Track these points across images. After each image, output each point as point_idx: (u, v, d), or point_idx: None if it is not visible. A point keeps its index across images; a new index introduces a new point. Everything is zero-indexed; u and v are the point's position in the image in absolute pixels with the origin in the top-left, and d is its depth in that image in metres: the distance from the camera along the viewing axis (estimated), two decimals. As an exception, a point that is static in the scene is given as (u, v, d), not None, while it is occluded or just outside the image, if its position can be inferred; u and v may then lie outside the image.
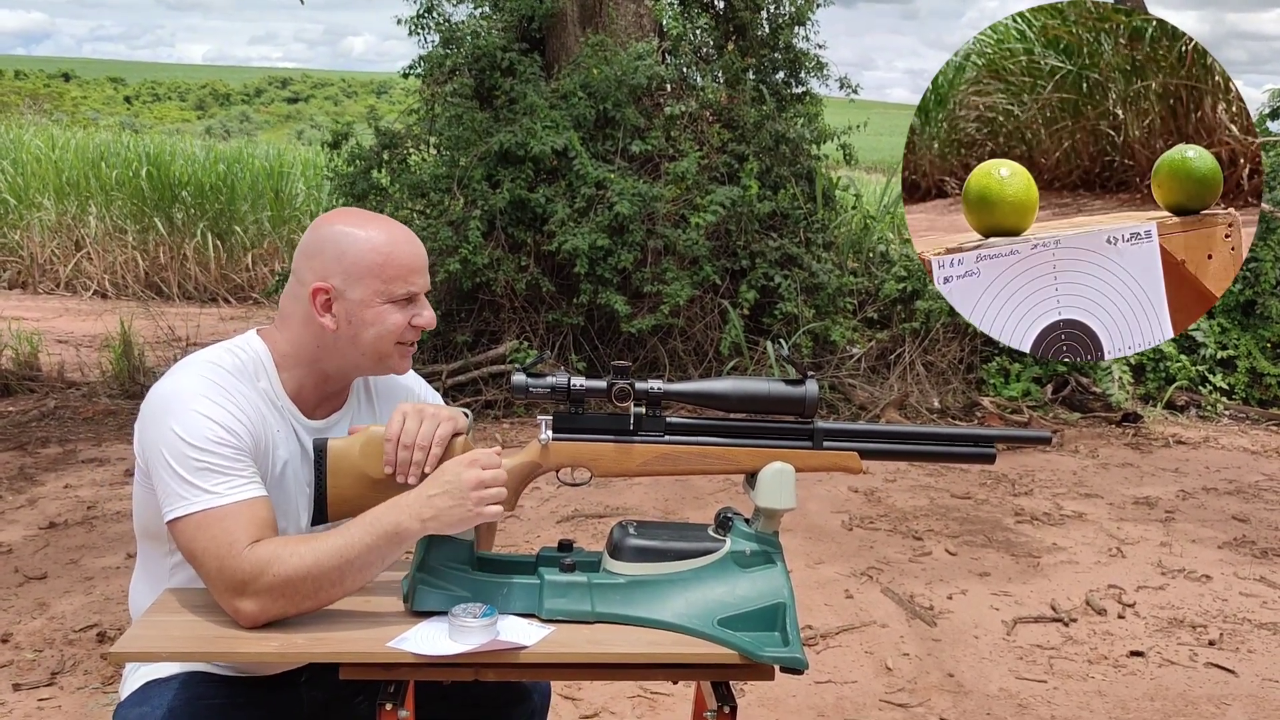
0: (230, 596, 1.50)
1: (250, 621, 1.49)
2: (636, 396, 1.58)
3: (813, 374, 1.60)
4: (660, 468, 1.61)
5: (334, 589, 1.52)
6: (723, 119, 7.37)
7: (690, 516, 4.74)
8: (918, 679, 3.33)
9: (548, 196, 6.58)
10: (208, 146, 14.73)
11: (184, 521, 1.53)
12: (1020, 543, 4.62)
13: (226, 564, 1.49)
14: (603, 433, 1.60)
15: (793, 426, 1.64)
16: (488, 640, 1.46)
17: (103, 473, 5.18)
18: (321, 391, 1.76)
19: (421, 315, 1.72)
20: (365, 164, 7.04)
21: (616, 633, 1.54)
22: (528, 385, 1.57)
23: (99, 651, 3.28)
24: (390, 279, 1.67)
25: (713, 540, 1.61)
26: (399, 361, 1.74)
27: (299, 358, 1.72)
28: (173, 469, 1.54)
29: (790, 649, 1.49)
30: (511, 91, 6.92)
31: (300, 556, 1.50)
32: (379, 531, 1.52)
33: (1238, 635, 3.75)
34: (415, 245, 1.72)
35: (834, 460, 1.63)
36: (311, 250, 1.69)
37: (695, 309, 6.94)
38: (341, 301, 1.67)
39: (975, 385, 7.43)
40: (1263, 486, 5.71)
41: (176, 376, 1.63)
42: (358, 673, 1.46)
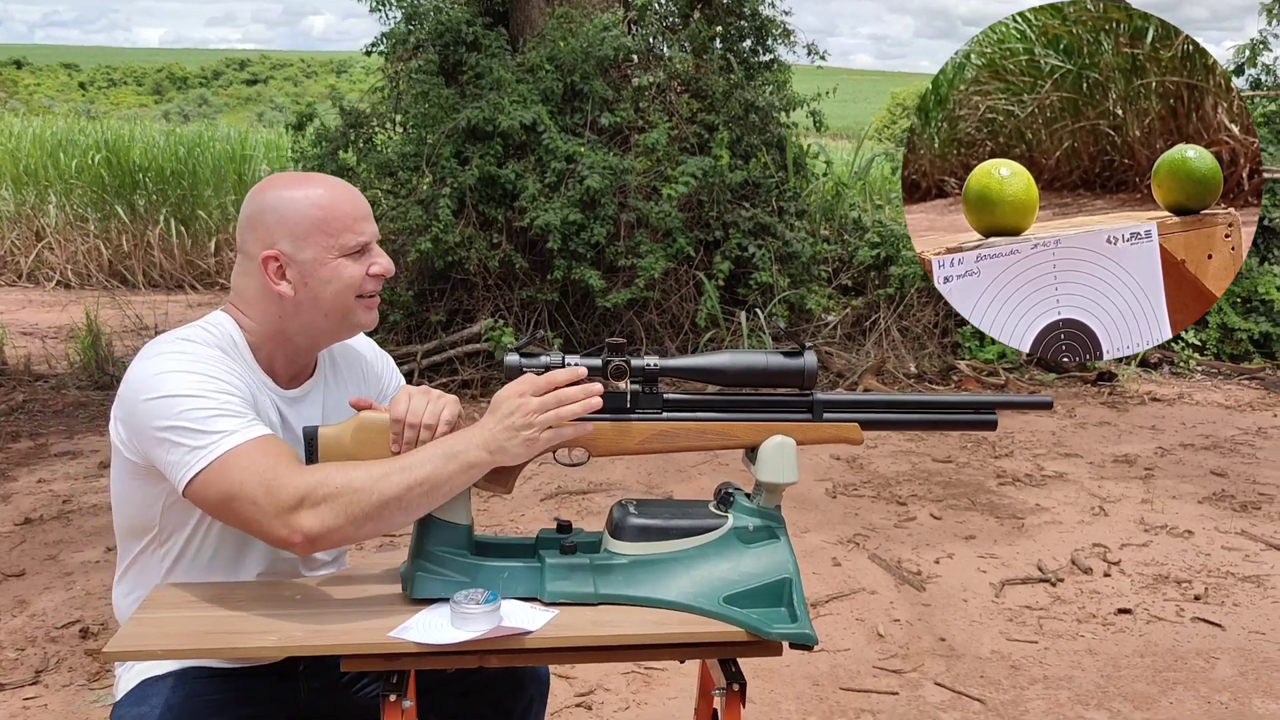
0: (285, 516, 1.44)
1: (310, 540, 1.44)
2: (632, 374, 1.55)
3: (810, 345, 1.57)
4: (659, 445, 1.58)
5: (396, 510, 1.47)
6: (691, 89, 7.31)
7: (675, 490, 4.73)
8: (910, 644, 3.34)
9: (518, 172, 6.51)
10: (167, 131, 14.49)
11: (209, 471, 1.47)
12: (1004, 505, 4.64)
13: (275, 484, 1.45)
14: (599, 411, 1.57)
15: (791, 399, 1.61)
16: (492, 627, 1.43)
17: (76, 466, 5.09)
18: (293, 364, 1.73)
19: (378, 263, 1.69)
20: (331, 145, 6.93)
21: (621, 614, 1.52)
22: (521, 365, 1.53)
23: (83, 648, 3.23)
24: (337, 231, 1.64)
25: (715, 517, 1.58)
26: (364, 315, 1.70)
27: (266, 332, 1.68)
28: (176, 429, 1.49)
29: (799, 625, 1.47)
30: (477, 67, 6.83)
31: (359, 468, 1.47)
32: (447, 455, 1.49)
33: (1222, 589, 3.78)
34: (354, 194, 1.69)
35: (834, 432, 1.61)
36: (252, 221, 1.65)
37: (670, 282, 6.91)
38: (293, 266, 1.63)
39: (950, 349, 7.45)
40: (1239, 441, 5.77)
41: (151, 356, 1.58)
42: (360, 664, 1.43)
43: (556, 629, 1.47)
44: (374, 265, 1.68)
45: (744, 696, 1.53)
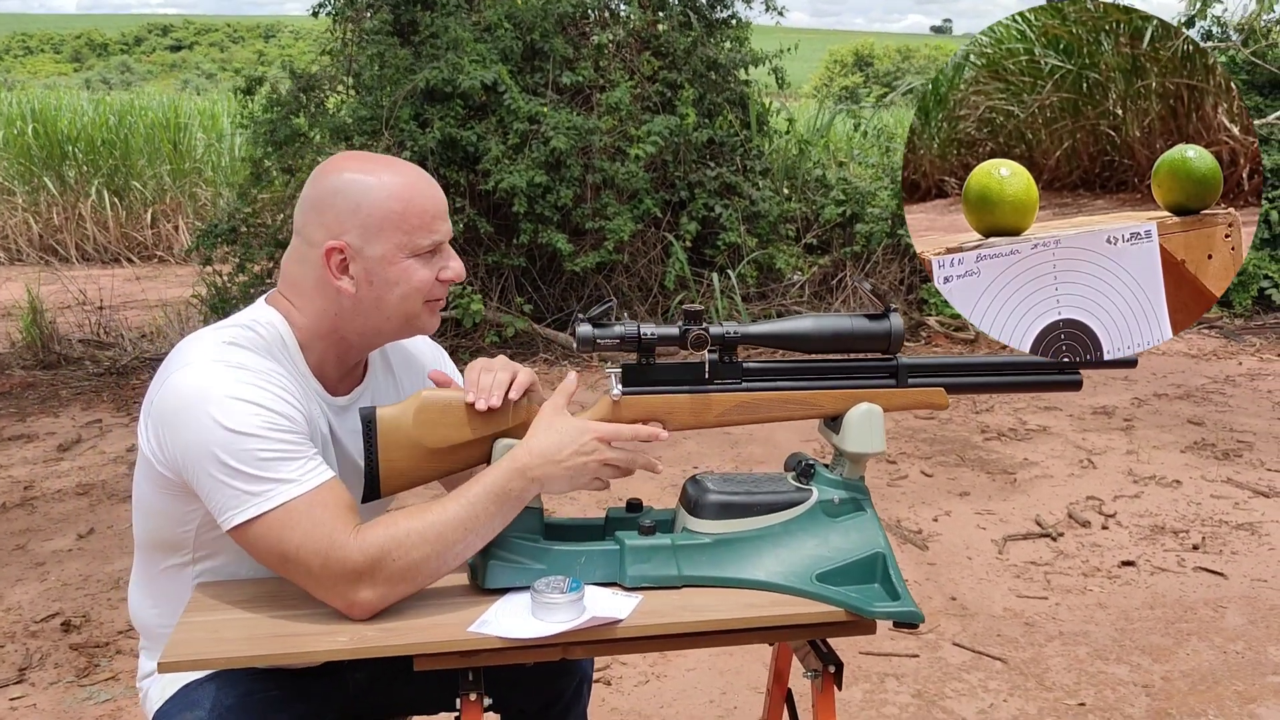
0: (344, 589, 1.33)
1: (367, 612, 1.34)
2: (712, 342, 1.45)
3: (895, 308, 1.48)
4: (739, 417, 1.48)
5: (455, 562, 1.39)
6: (651, 47, 7.16)
7: (661, 453, 4.64)
8: (922, 604, 3.27)
9: (479, 134, 6.32)
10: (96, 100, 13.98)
11: (262, 521, 1.34)
12: (993, 460, 4.63)
13: (334, 556, 1.33)
14: (677, 383, 1.47)
15: (874, 363, 1.53)
16: (580, 616, 1.33)
17: (33, 450, 4.87)
18: (344, 364, 1.57)
19: (450, 267, 1.54)
20: (284, 110, 6.68)
21: (708, 596, 1.42)
22: (595, 337, 1.42)
23: (67, 642, 3.07)
24: (413, 229, 1.47)
25: (798, 490, 1.49)
26: (429, 320, 1.55)
27: (318, 330, 1.52)
28: (230, 467, 1.34)
29: (903, 602, 1.39)
30: (433, 26, 6.61)
31: (423, 536, 1.35)
32: (501, 494, 1.40)
33: (1218, 538, 3.80)
34: (434, 188, 1.52)
35: (920, 398, 1.52)
36: (318, 204, 1.48)
37: (638, 244, 6.79)
38: (359, 260, 1.47)
39: (917, 305, 7.44)
40: (1209, 390, 5.83)
41: (196, 366, 1.41)
42: (436, 663, 1.32)
43: (644, 615, 1.37)
44: (445, 270, 1.52)
45: (839, 679, 1.46)
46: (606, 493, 3.86)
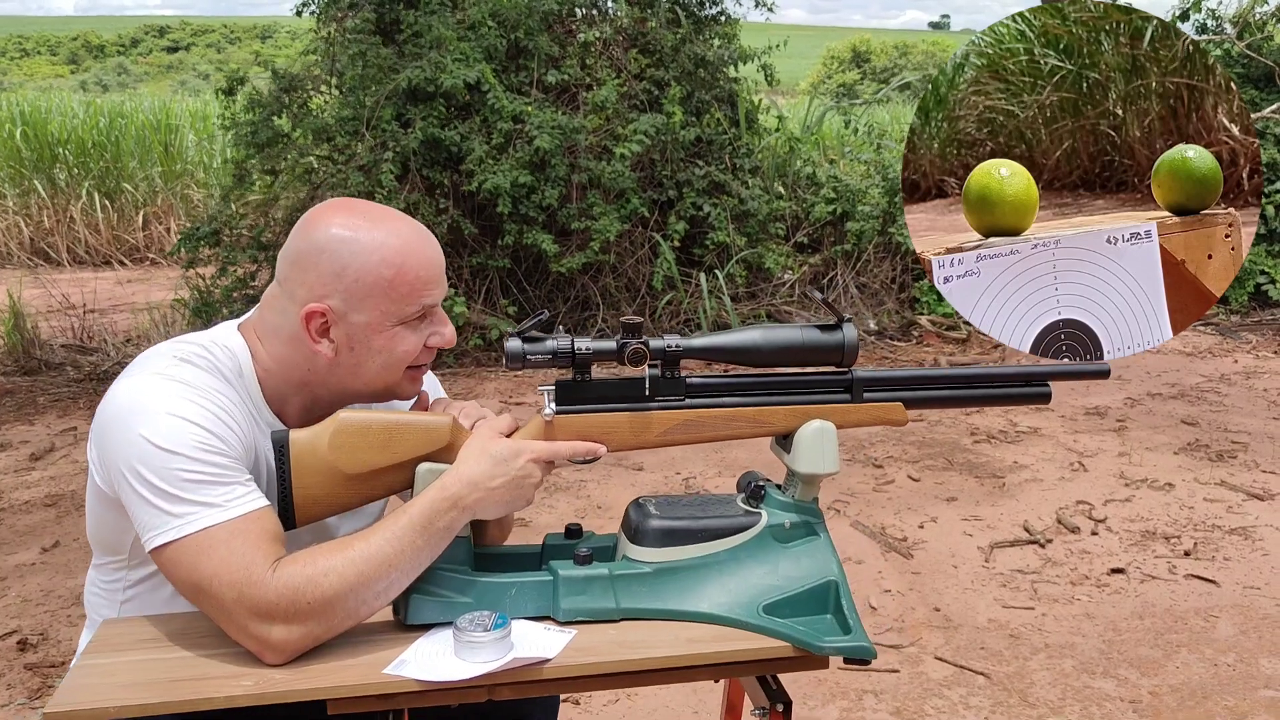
0: (256, 626, 1.23)
1: (281, 654, 1.24)
2: (652, 356, 1.35)
3: (849, 318, 1.39)
4: (683, 436, 1.39)
5: (378, 601, 1.29)
6: (639, 44, 7.07)
7: (644, 459, 4.55)
8: (904, 616, 3.20)
9: (463, 134, 6.23)
10: (86, 102, 13.88)
11: (178, 546, 1.25)
12: (982, 463, 4.53)
13: (248, 592, 1.23)
14: (615, 401, 1.37)
15: (827, 378, 1.43)
16: (503, 656, 1.24)
17: (5, 459, 4.78)
18: (310, 414, 1.47)
19: (440, 333, 1.44)
20: (265, 110, 6.58)
21: (647, 631, 1.33)
22: (524, 353, 1.33)
23: (21, 662, 2.98)
24: (403, 297, 1.37)
25: (746, 514, 1.40)
26: (408, 387, 1.46)
27: (285, 376, 1.42)
28: (153, 485, 1.25)
29: (854, 637, 1.29)
30: (416, 24, 6.52)
31: (341, 571, 1.25)
32: (427, 526, 1.30)
33: (1210, 543, 3.70)
34: (431, 248, 1.41)
35: (876, 413, 1.43)
36: (302, 260, 1.37)
37: (625, 244, 6.69)
38: (342, 325, 1.37)
39: (909, 304, 7.34)
40: (1204, 389, 5.73)
41: (139, 376, 1.33)
42: (349, 706, 1.23)
43: (576, 652, 1.28)
44: (434, 336, 1.43)
45: (788, 717, 1.36)
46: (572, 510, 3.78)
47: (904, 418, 1.44)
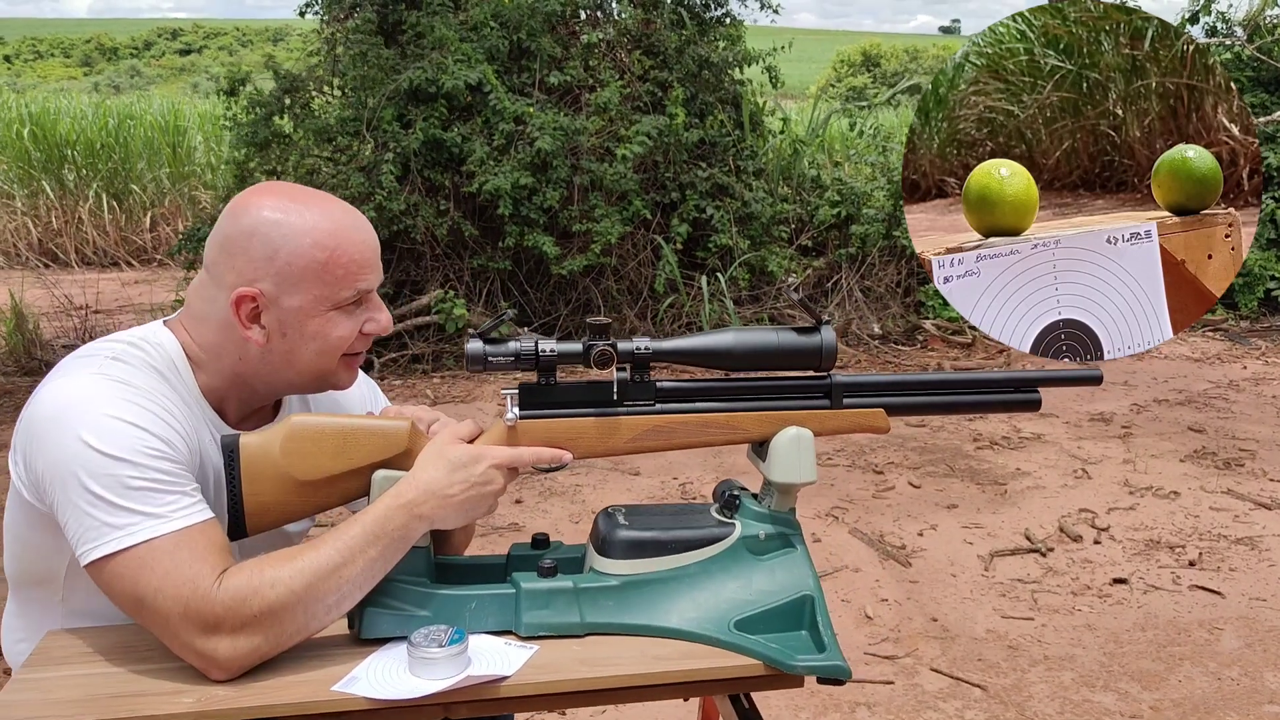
0: (200, 641, 1.17)
1: (226, 670, 1.18)
2: (620, 359, 1.29)
3: (828, 320, 1.33)
4: (652, 443, 1.33)
5: (329, 614, 1.23)
6: (642, 46, 7.01)
7: (640, 464, 4.49)
8: (900, 626, 3.14)
9: (464, 135, 6.19)
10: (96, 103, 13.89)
11: (120, 559, 1.19)
12: (984, 470, 4.46)
13: (194, 605, 1.17)
14: (581, 406, 1.32)
15: (805, 383, 1.37)
16: (458, 674, 1.18)
17: (4, 459, 4.74)
18: (247, 405, 1.42)
19: (376, 319, 1.39)
20: (266, 110, 6.55)
21: (613, 647, 1.27)
22: (486, 354, 1.27)
23: None
24: (337, 280, 1.32)
25: (719, 525, 1.34)
26: (344, 375, 1.41)
27: (217, 368, 1.37)
28: (93, 493, 1.19)
29: (828, 655, 1.23)
30: (418, 25, 6.48)
31: (288, 582, 1.19)
32: (382, 535, 1.24)
33: (1216, 553, 3.63)
34: (366, 231, 1.36)
35: (857, 420, 1.37)
36: (230, 244, 1.32)
37: (627, 246, 6.63)
38: (273, 310, 1.32)
39: (914, 308, 7.27)
40: (1211, 395, 5.65)
41: (72, 377, 1.26)
42: (297, 725, 1.17)
43: (536, 670, 1.22)
44: (370, 322, 1.38)
45: (761, 737, 1.30)
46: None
47: (885, 425, 1.38)
